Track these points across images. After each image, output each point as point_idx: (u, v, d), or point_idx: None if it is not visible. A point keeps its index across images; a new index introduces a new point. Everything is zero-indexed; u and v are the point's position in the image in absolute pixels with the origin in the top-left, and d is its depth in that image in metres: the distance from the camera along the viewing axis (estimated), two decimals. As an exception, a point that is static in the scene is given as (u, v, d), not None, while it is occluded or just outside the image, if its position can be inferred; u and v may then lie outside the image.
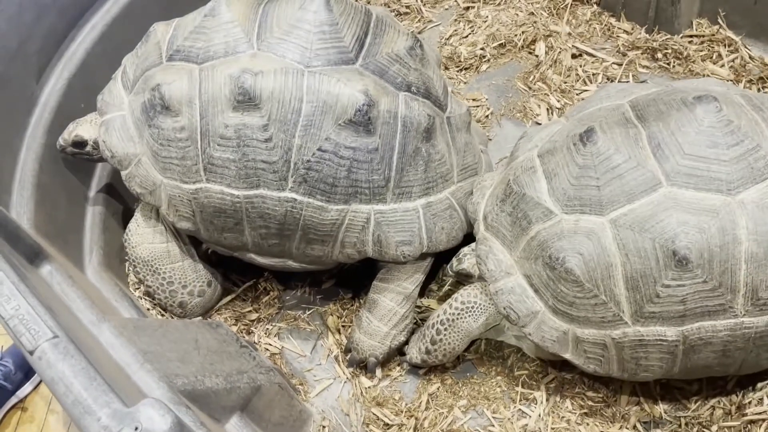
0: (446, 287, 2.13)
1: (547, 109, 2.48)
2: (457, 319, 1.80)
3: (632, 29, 2.64)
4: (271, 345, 2.06)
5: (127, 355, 1.47)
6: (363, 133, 1.74)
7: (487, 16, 2.83)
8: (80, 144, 1.98)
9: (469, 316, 1.79)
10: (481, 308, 1.78)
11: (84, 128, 1.99)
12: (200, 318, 2.03)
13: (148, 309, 2.08)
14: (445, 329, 1.81)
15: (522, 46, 2.69)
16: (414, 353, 1.90)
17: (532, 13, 2.79)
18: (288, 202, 1.79)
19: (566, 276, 1.53)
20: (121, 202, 2.26)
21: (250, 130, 1.73)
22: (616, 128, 1.56)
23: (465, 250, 1.87)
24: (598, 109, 1.69)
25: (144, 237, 2.00)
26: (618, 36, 2.65)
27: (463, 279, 1.90)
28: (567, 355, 1.63)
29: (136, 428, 0.92)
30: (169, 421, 0.94)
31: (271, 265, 1.98)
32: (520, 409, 1.84)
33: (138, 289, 2.13)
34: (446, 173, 1.90)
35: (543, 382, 1.86)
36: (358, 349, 1.95)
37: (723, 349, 1.51)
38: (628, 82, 2.50)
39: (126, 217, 2.27)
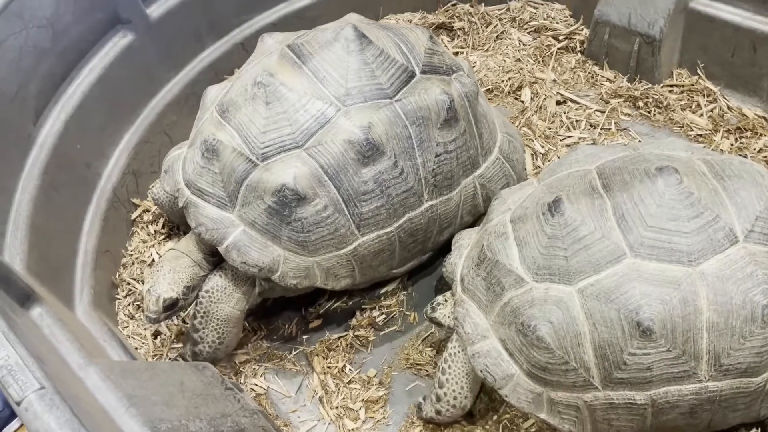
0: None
1: (532, 154, 2.55)
2: (453, 363, 1.83)
3: (615, 78, 2.73)
4: (257, 385, 2.08)
5: (113, 399, 1.50)
6: (454, 123, 1.99)
7: (475, 62, 2.91)
8: (172, 304, 1.93)
9: (465, 356, 1.81)
10: None
11: (162, 288, 1.91)
12: (186, 362, 2.05)
13: (137, 348, 2.11)
14: (447, 379, 1.83)
15: (509, 92, 2.77)
16: (428, 408, 1.90)
17: (519, 60, 2.87)
18: (428, 210, 2.01)
19: (538, 343, 1.58)
20: (113, 240, 2.29)
21: (386, 174, 1.90)
22: (582, 198, 1.62)
23: (439, 299, 1.92)
24: (566, 175, 1.75)
25: (229, 300, 1.98)
26: (601, 84, 2.74)
27: (436, 326, 1.94)
28: (542, 416, 1.67)
29: (117, 482, 0.95)
30: (149, 475, 0.97)
31: (406, 271, 2.18)
32: (500, 454, 1.87)
33: (126, 327, 2.17)
34: (490, 116, 2.21)
35: (523, 426, 1.89)
36: None
37: (690, 411, 1.55)
38: (609, 129, 2.58)
39: (116, 256, 2.31)
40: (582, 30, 2.85)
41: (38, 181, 2.03)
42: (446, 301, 1.93)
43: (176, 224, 2.43)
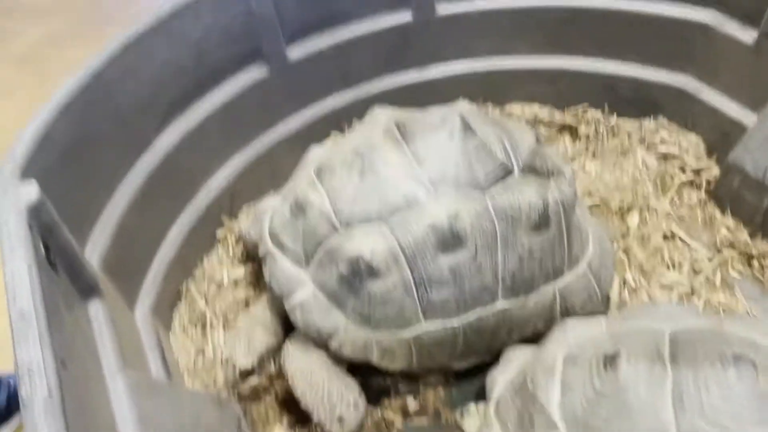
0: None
1: (621, 283, 2.40)
2: None
3: (735, 227, 2.52)
4: (275, 433, 2.08)
5: (126, 415, 1.56)
6: (544, 229, 1.92)
7: (590, 171, 2.81)
8: (248, 373, 2.00)
9: None
10: None
11: (239, 359, 1.98)
12: (212, 393, 2.10)
13: (178, 361, 2.18)
14: None
15: (615, 212, 2.64)
16: None
17: (637, 182, 2.74)
18: (500, 311, 1.94)
19: None
20: (191, 252, 2.41)
21: (463, 266, 1.87)
22: (643, 361, 1.49)
23: (472, 408, 1.87)
24: (637, 329, 1.63)
25: (308, 352, 1.99)
26: (718, 230, 2.54)
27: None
28: None
29: None
30: None
31: (466, 367, 2.08)
32: None
33: (177, 338, 2.25)
34: (585, 227, 2.09)
35: None
36: None
37: None
38: (713, 281, 2.38)
39: (190, 267, 2.43)
40: (712, 169, 2.67)
41: (141, 184, 2.17)
42: (478, 412, 1.85)
43: (255, 257, 2.49)
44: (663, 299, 2.32)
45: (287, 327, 2.06)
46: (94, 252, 1.95)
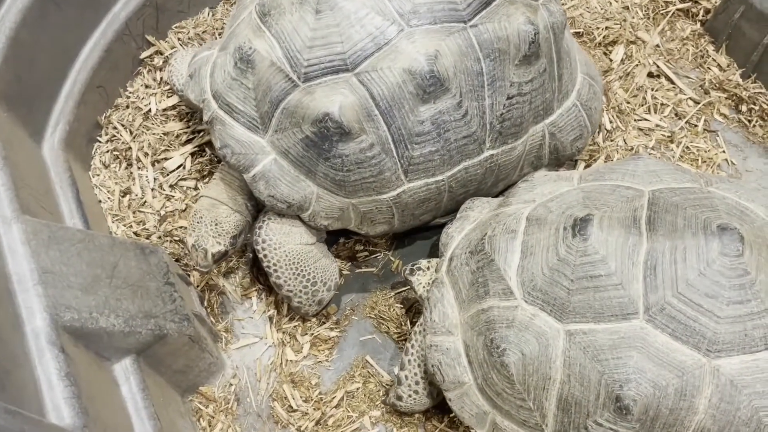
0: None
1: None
2: (417, 344, 1.64)
3: (728, 66, 2.27)
4: (213, 279, 1.93)
5: (24, 269, 1.36)
6: (534, 60, 1.67)
7: (576, -6, 2.46)
8: (222, 256, 1.75)
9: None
10: None
11: (209, 243, 1.73)
12: (135, 240, 1.89)
13: (100, 201, 1.95)
14: (409, 360, 1.65)
15: (599, 44, 2.34)
16: (391, 392, 1.70)
17: (627, 9, 2.41)
18: (487, 161, 1.73)
19: (500, 368, 1.35)
20: (111, 76, 2.07)
21: (447, 114, 1.60)
22: (617, 228, 1.30)
23: (422, 263, 1.71)
24: (613, 189, 1.42)
25: (290, 237, 1.75)
26: (709, 68, 2.29)
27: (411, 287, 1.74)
28: (481, 434, 1.48)
29: None
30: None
31: (448, 220, 1.86)
32: (429, 443, 1.72)
33: (98, 176, 2.00)
34: (572, 54, 1.87)
35: (460, 429, 1.72)
36: None
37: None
38: (695, 126, 2.17)
39: (110, 94, 2.11)
40: (713, -4, 2.35)
41: (36, -11, 1.78)
42: (428, 268, 1.70)
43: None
44: (639, 144, 2.13)
45: (251, 196, 1.81)
46: (-22, 74, 1.62)
